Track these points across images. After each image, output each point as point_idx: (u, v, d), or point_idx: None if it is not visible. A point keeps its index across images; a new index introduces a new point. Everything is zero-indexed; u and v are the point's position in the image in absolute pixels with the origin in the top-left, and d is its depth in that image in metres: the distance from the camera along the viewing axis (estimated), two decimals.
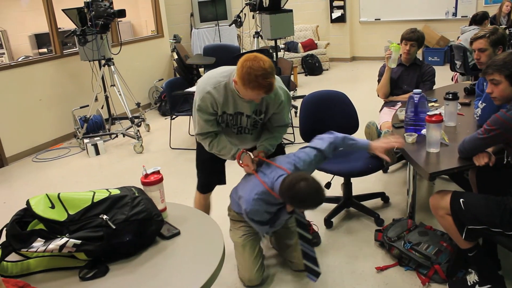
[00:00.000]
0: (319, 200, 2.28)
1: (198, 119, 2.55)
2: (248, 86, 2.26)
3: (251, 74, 2.22)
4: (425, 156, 2.58)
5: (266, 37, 6.11)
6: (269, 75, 2.24)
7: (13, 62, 5.79)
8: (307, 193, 2.22)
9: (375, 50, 9.73)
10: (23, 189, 4.74)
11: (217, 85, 2.45)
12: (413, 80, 3.99)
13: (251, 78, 2.22)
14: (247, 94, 2.33)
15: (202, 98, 2.46)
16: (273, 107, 2.58)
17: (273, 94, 2.50)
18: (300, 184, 2.23)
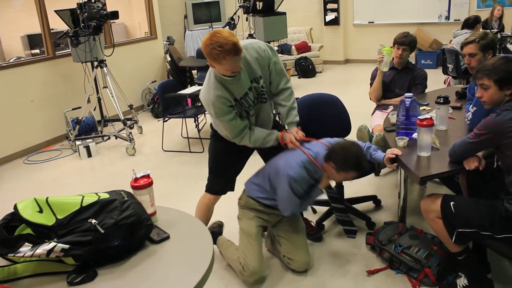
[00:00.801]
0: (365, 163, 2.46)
1: (226, 125, 2.63)
2: (218, 59, 2.33)
3: (213, 45, 2.29)
4: (416, 160, 2.58)
5: (260, 39, 6.11)
6: (228, 38, 2.30)
7: (4, 63, 5.75)
8: (360, 154, 2.46)
9: (368, 53, 9.77)
10: (14, 192, 4.71)
11: (212, 86, 2.53)
12: (405, 83, 4.00)
13: (216, 50, 2.29)
14: (225, 67, 2.39)
15: (214, 104, 2.53)
16: (265, 66, 2.65)
17: (255, 52, 2.59)
18: (353, 147, 2.47)
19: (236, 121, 2.61)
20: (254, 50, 2.60)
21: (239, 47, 2.34)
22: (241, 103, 2.61)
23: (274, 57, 2.70)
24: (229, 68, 2.40)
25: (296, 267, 2.86)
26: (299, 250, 2.85)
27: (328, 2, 9.79)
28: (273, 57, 2.69)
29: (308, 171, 2.57)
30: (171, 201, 4.06)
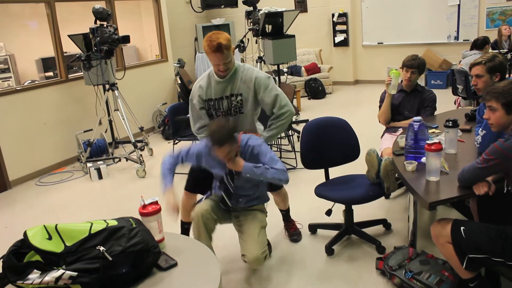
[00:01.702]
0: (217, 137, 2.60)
1: (191, 113, 3.18)
2: (207, 49, 2.84)
3: (206, 39, 2.85)
4: (425, 185, 2.57)
5: (269, 62, 6.16)
6: (219, 38, 2.82)
7: (19, 87, 5.86)
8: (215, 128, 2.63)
9: (378, 74, 9.79)
10: (26, 213, 4.75)
11: (202, 77, 3.12)
12: (414, 106, 4.00)
13: (207, 42, 2.83)
14: (211, 60, 2.90)
15: (193, 89, 3.14)
16: (247, 87, 3.02)
17: (239, 73, 3.03)
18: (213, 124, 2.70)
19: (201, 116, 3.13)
20: (249, 76, 3.03)
21: (222, 47, 2.82)
22: (214, 103, 3.07)
23: (262, 92, 3.03)
24: (213, 62, 2.90)
25: (247, 263, 2.84)
26: (249, 245, 2.83)
27: (337, 24, 9.87)
28: (262, 92, 3.03)
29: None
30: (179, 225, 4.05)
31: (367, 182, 3.25)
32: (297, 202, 4.30)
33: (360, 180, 3.33)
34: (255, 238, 2.86)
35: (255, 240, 2.85)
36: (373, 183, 3.21)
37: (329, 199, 3.21)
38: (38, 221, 4.47)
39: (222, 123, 2.67)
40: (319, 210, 3.83)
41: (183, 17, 9.12)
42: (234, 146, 2.70)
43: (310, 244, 3.54)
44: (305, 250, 3.45)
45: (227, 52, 2.86)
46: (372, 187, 3.19)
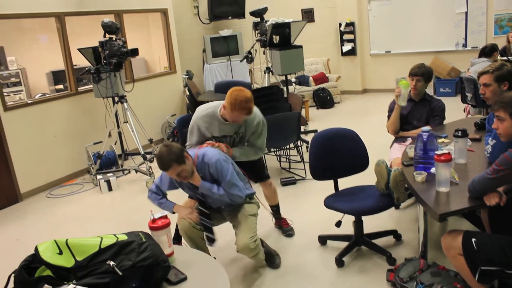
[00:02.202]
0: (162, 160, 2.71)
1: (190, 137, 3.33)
2: (234, 109, 3.01)
3: (237, 99, 2.99)
4: (435, 196, 2.55)
5: (277, 72, 6.19)
6: (250, 102, 3.03)
7: (30, 100, 5.94)
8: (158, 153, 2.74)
9: (386, 82, 9.77)
10: (37, 226, 4.78)
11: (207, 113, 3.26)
12: (423, 115, 3.99)
13: (237, 103, 2.99)
14: (233, 116, 3.07)
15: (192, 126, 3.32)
16: (250, 129, 3.29)
17: (252, 118, 3.24)
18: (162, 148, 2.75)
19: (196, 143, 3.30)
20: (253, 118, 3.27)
21: (251, 112, 3.08)
22: (216, 139, 3.27)
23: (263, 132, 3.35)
24: (235, 118, 3.08)
25: (239, 252, 3.00)
26: (238, 235, 3.00)
27: (344, 33, 9.89)
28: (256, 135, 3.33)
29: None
30: None
31: (376, 193, 3.24)
32: (307, 213, 4.29)
33: (370, 191, 3.32)
34: (243, 227, 3.02)
35: (243, 229, 3.00)
36: (382, 194, 3.20)
37: (339, 211, 3.20)
38: (49, 234, 4.50)
39: (165, 148, 2.71)
40: (328, 221, 3.82)
41: (191, 28, 9.19)
42: (185, 166, 2.75)
43: (320, 255, 3.52)
44: (315, 262, 3.44)
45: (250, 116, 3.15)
46: (382, 198, 3.18)
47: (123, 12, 6.90)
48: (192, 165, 2.85)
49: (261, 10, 6.75)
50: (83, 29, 7.19)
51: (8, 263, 4.00)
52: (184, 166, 2.74)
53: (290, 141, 5.18)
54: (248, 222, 3.04)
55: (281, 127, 4.89)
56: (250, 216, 3.08)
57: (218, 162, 2.91)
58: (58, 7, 5.96)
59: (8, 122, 5.40)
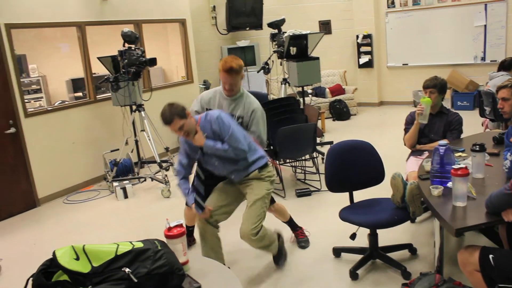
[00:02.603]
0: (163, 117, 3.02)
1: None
2: (220, 68, 3.27)
3: (223, 60, 3.30)
4: (451, 210, 2.53)
5: (293, 84, 6.21)
6: (233, 62, 3.26)
7: (50, 107, 6.04)
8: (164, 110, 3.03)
9: (403, 95, 9.73)
10: (53, 231, 4.84)
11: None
12: (440, 128, 3.96)
13: (221, 63, 3.27)
14: (222, 77, 3.30)
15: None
16: (246, 113, 3.39)
17: (244, 99, 3.41)
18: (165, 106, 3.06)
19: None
20: (250, 105, 3.40)
21: (232, 70, 3.25)
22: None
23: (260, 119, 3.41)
24: (223, 79, 3.31)
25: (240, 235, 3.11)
26: (243, 222, 3.10)
27: (361, 45, 9.89)
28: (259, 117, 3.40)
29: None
30: None
31: (392, 206, 3.22)
32: (321, 224, 4.28)
33: (385, 204, 3.30)
34: (246, 213, 3.13)
35: (246, 216, 3.11)
36: (398, 207, 3.18)
37: (354, 223, 3.19)
38: (65, 239, 4.56)
39: (168, 105, 3.03)
40: (343, 234, 3.80)
41: (209, 39, 9.28)
42: (186, 122, 2.98)
43: (334, 268, 3.50)
44: (329, 274, 3.42)
45: (236, 76, 3.28)
46: (397, 211, 3.16)
47: (142, 22, 7.01)
48: (194, 123, 3.07)
49: (278, 21, 6.79)
50: (103, 38, 7.30)
51: (25, 266, 4.05)
52: (185, 121, 2.97)
53: (306, 152, 5.18)
54: (252, 209, 3.11)
55: (297, 138, 4.90)
56: (257, 200, 3.13)
57: (219, 118, 3.06)
58: (79, 17, 6.08)
59: (28, 128, 5.51)
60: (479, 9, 8.68)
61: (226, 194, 3.30)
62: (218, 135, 3.06)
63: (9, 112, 5.32)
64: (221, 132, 3.04)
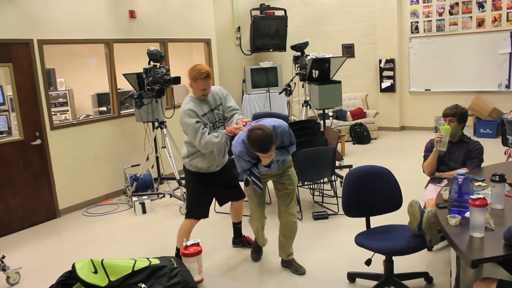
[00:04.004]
0: (265, 148, 3.15)
1: (192, 125, 3.56)
2: (198, 79, 3.57)
3: (195, 69, 3.60)
4: (468, 241, 2.51)
5: (315, 106, 6.25)
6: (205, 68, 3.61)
7: (75, 121, 6.20)
8: (258, 138, 3.13)
9: (424, 121, 9.67)
10: (72, 242, 4.92)
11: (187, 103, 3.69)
12: (460, 157, 3.94)
13: (196, 71, 3.58)
14: (199, 86, 3.60)
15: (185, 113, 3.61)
16: (223, 100, 3.84)
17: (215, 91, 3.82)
18: (256, 131, 3.17)
19: (199, 123, 3.58)
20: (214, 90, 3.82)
21: (209, 74, 3.61)
22: (208, 115, 3.71)
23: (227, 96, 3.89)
24: (201, 86, 3.60)
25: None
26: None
27: (384, 69, 9.91)
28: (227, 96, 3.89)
29: (246, 145, 3.30)
30: (215, 262, 4.10)
31: (408, 233, 3.20)
32: (337, 248, 4.26)
33: (402, 231, 3.28)
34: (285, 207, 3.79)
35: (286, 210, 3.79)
36: (414, 235, 3.16)
37: (369, 249, 3.18)
38: (83, 251, 4.63)
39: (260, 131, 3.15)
40: (359, 259, 3.78)
41: (233, 59, 9.42)
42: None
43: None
44: None
45: (210, 79, 3.66)
46: (414, 239, 3.13)
47: (168, 41, 7.17)
48: None
49: (302, 44, 6.87)
50: (129, 54, 7.48)
51: (43, 275, 4.13)
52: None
53: (325, 175, 5.19)
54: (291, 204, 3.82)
55: (316, 161, 4.92)
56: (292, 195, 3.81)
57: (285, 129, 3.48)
58: (108, 34, 6.26)
59: (53, 140, 5.65)
60: (505, 36, 8.64)
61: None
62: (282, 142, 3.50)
63: (36, 124, 5.48)
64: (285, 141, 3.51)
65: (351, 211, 3.42)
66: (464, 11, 9.04)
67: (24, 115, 5.36)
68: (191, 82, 3.67)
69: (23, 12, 5.29)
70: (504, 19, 8.65)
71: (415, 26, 9.62)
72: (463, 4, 9.00)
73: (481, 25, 8.89)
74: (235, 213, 4.34)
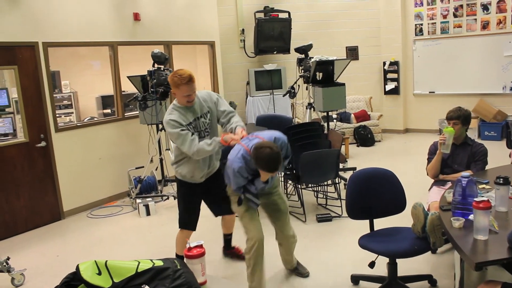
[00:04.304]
0: (274, 167, 3.01)
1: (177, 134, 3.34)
2: (180, 85, 3.30)
3: (175, 75, 3.33)
4: (472, 243, 2.50)
5: (318, 109, 6.25)
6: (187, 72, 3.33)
7: (79, 123, 6.23)
8: (267, 157, 2.96)
9: (429, 123, 9.65)
10: (76, 244, 4.94)
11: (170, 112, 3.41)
12: (464, 159, 3.93)
13: (177, 77, 3.31)
14: (183, 91, 3.32)
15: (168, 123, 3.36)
16: (212, 105, 3.57)
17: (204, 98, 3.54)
18: (264, 149, 2.98)
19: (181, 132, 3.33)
20: (203, 95, 3.56)
21: (192, 78, 3.33)
22: (195, 123, 3.46)
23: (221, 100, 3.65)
24: (185, 92, 3.33)
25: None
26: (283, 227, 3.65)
27: (388, 72, 9.90)
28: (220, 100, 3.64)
29: (246, 161, 3.14)
30: (216, 264, 4.10)
31: (412, 235, 3.19)
32: (341, 251, 4.26)
33: (405, 233, 3.28)
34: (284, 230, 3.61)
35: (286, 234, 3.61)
36: (418, 237, 3.15)
37: (373, 251, 3.17)
38: (87, 252, 4.65)
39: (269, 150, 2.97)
40: (362, 261, 3.78)
41: (237, 61, 9.43)
42: None
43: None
44: None
45: (194, 83, 3.37)
46: (418, 241, 3.13)
47: (172, 43, 7.20)
48: None
49: (306, 46, 6.88)
50: (133, 57, 7.51)
51: (48, 277, 4.15)
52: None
53: (328, 177, 5.18)
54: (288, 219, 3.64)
55: (320, 163, 4.92)
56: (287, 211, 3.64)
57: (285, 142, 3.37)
58: (112, 37, 6.29)
59: (57, 142, 5.68)
60: (509, 38, 8.62)
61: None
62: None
63: (41, 126, 5.51)
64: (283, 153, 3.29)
65: (354, 213, 3.42)
66: (468, 13, 9.02)
67: (29, 117, 5.39)
68: (173, 90, 3.41)
69: (28, 15, 5.32)
70: (509, 21, 8.63)
71: (419, 28, 9.61)
72: (468, 6, 8.99)
73: (486, 28, 8.88)
74: (226, 225, 4.19)
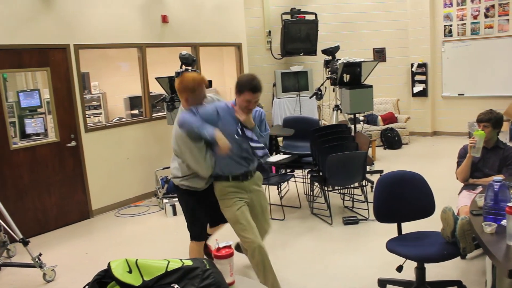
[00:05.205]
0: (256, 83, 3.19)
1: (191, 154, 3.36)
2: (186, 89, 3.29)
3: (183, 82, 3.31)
4: (505, 250, 2.45)
5: (345, 111, 6.21)
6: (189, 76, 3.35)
7: (108, 123, 6.33)
8: (248, 76, 3.23)
9: (458, 126, 9.48)
10: (104, 242, 5.03)
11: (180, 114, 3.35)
12: (495, 163, 3.85)
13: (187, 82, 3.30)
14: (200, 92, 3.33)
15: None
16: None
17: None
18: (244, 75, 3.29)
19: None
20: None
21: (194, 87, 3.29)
22: None
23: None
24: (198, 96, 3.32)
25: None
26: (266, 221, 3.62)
27: (416, 74, 9.77)
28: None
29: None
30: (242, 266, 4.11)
31: (441, 240, 3.14)
32: (368, 254, 4.22)
33: (434, 238, 3.23)
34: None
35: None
36: (448, 242, 3.10)
37: (401, 255, 3.13)
38: (114, 251, 4.72)
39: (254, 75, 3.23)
40: (389, 265, 3.73)
41: (263, 63, 9.45)
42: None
43: None
44: None
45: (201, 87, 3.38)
46: (447, 246, 3.07)
47: (200, 45, 7.26)
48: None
49: (333, 48, 6.84)
50: (161, 58, 7.60)
51: (77, 274, 4.24)
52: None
53: (355, 180, 5.14)
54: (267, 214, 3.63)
55: (346, 165, 4.89)
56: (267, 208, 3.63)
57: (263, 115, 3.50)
58: (141, 39, 6.38)
59: (87, 142, 5.79)
60: None
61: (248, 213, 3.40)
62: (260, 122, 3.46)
63: (71, 126, 5.63)
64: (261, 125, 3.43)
65: (382, 216, 3.38)
66: (500, 13, 8.82)
67: (60, 118, 5.52)
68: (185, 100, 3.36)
69: (60, 18, 5.45)
70: None
71: (448, 29, 9.45)
72: (500, 6, 8.79)
73: None
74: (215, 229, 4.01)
